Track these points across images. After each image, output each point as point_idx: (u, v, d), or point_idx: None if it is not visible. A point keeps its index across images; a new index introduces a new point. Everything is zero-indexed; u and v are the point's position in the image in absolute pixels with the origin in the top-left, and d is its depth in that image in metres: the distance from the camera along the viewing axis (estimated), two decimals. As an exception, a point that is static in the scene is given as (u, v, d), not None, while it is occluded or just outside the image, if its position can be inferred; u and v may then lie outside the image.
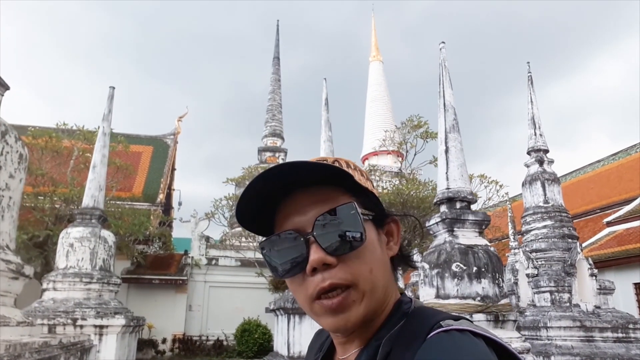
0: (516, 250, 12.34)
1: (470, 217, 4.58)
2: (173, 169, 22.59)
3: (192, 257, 16.89)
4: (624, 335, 7.15)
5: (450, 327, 0.61)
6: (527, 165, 9.19)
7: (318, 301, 0.68)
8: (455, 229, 4.55)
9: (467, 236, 4.54)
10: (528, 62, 9.77)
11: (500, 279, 4.31)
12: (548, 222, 8.58)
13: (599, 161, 23.27)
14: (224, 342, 15.44)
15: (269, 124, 23.38)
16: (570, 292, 7.79)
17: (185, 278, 16.19)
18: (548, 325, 7.34)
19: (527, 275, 8.44)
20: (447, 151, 4.93)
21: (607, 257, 14.32)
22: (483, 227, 4.68)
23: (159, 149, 21.72)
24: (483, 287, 4.17)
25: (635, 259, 13.56)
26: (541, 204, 8.73)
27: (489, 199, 15.55)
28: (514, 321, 4.30)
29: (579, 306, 7.58)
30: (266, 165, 20.79)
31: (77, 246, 8.76)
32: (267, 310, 9.90)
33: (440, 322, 0.63)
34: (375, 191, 0.78)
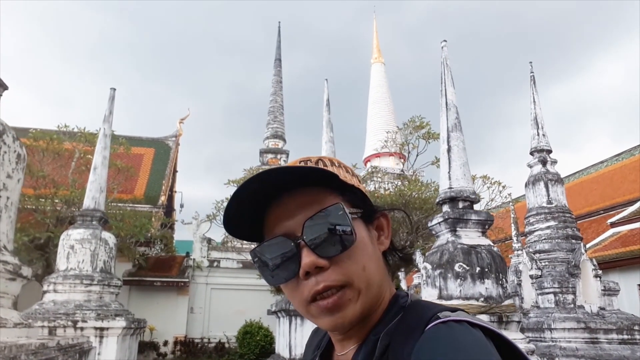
0: (519, 252, 12.24)
1: (473, 217, 4.52)
2: (175, 171, 22.59)
3: (194, 259, 16.87)
4: (629, 337, 7.07)
5: (448, 319, 0.61)
6: (530, 166, 9.12)
7: (314, 303, 0.68)
8: (457, 229, 4.49)
9: (470, 236, 4.47)
10: (530, 62, 9.71)
11: (504, 280, 4.25)
12: (551, 223, 8.50)
13: (602, 162, 23.14)
14: (226, 345, 15.40)
15: (270, 126, 23.35)
16: (574, 293, 7.71)
17: (187, 280, 16.16)
18: (552, 326, 7.27)
19: (531, 277, 8.36)
20: (449, 150, 4.87)
21: (612, 258, 14.22)
22: (486, 227, 4.62)
23: (161, 151, 21.72)
24: (486, 288, 4.11)
25: (639, 260, 13.46)
26: (544, 204, 8.65)
27: (492, 200, 15.49)
28: (518, 322, 4.24)
29: (584, 307, 7.50)
30: (268, 166, 20.76)
31: (77, 248, 8.73)
32: (268, 312, 9.85)
33: (438, 314, 0.64)
34: (362, 187, 0.77)
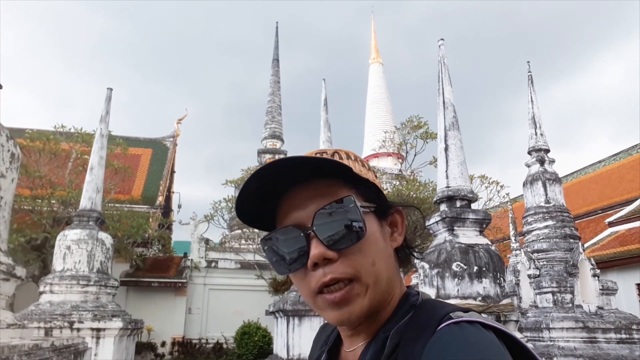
0: (517, 252, 12.23)
1: (471, 216, 4.49)
2: (172, 171, 22.53)
3: (192, 260, 16.80)
4: (628, 336, 7.04)
5: (460, 319, 0.61)
6: (528, 165, 9.10)
7: (321, 295, 0.68)
8: (455, 228, 4.46)
9: (468, 235, 4.45)
10: (528, 61, 9.72)
11: (501, 279, 4.22)
12: (549, 222, 8.48)
13: (600, 162, 23.15)
14: (224, 345, 15.33)
15: (268, 126, 23.29)
16: (572, 292, 7.69)
17: (185, 281, 16.10)
18: (550, 326, 7.24)
19: (529, 276, 8.34)
20: (446, 149, 4.84)
21: (610, 258, 14.22)
22: (484, 225, 4.59)
23: (158, 151, 21.65)
24: (484, 287, 4.09)
25: (637, 259, 13.46)
26: (542, 204, 8.63)
27: (490, 200, 15.48)
28: (516, 321, 4.21)
29: (582, 307, 7.48)
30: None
31: (74, 248, 8.69)
32: (267, 312, 9.81)
33: (450, 314, 0.63)
34: (377, 182, 0.76)
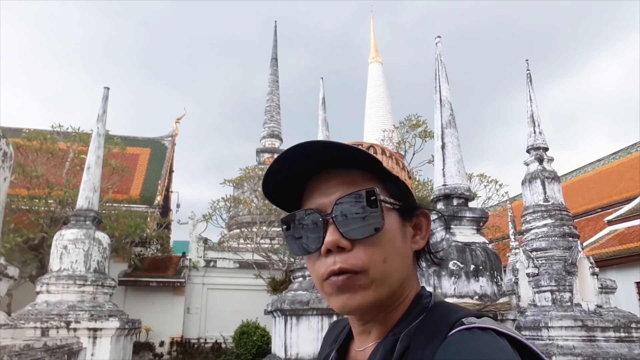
0: (517, 250, 12.19)
1: (468, 214, 4.46)
2: (171, 171, 22.47)
3: (190, 259, 16.76)
4: (627, 334, 7.02)
5: (473, 325, 0.59)
6: (526, 164, 9.07)
7: (328, 280, 0.68)
8: (452, 226, 4.43)
9: (465, 233, 4.41)
10: (526, 59, 9.68)
11: (498, 277, 4.19)
12: (548, 221, 8.45)
13: (599, 160, 23.12)
14: (223, 345, 15.30)
15: (267, 125, 23.26)
16: (571, 291, 7.66)
17: (183, 280, 16.06)
18: (549, 325, 7.21)
19: (528, 275, 8.30)
20: (443, 147, 4.80)
21: (609, 256, 14.20)
22: (481, 224, 4.56)
23: (157, 151, 21.59)
24: (481, 286, 4.05)
25: (636, 258, 13.43)
26: (541, 202, 8.60)
27: (489, 199, 15.46)
28: (513, 320, 4.18)
29: (581, 305, 7.45)
30: (265, 166, 20.66)
31: (70, 248, 8.65)
32: (265, 312, 9.77)
33: (462, 320, 0.62)
34: (409, 182, 0.76)
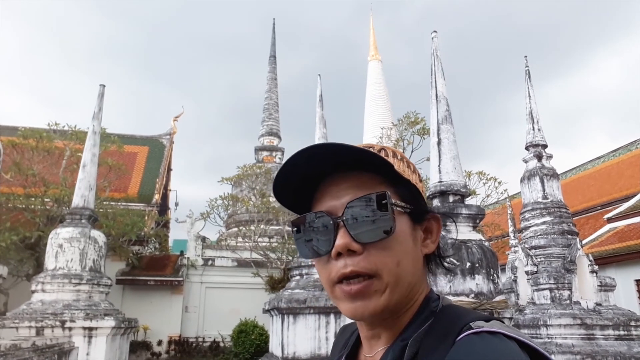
0: (516, 248, 12.13)
1: (464, 211, 4.39)
2: (169, 169, 22.38)
3: (188, 258, 16.70)
4: (626, 332, 6.96)
5: (481, 329, 0.59)
6: (525, 161, 9.00)
7: (339, 285, 0.67)
8: (447, 223, 4.35)
9: (461, 231, 4.35)
10: (525, 56, 9.60)
11: (495, 275, 4.12)
12: (547, 218, 8.38)
13: (599, 158, 23.06)
14: (221, 344, 15.26)
15: (265, 123, 23.18)
16: (570, 289, 7.59)
17: (181, 279, 16.00)
18: (548, 323, 7.16)
19: (527, 273, 8.24)
20: (439, 143, 4.74)
21: (608, 254, 14.14)
22: (477, 221, 4.49)
23: (155, 149, 21.51)
24: (477, 284, 3.98)
25: (636, 255, 13.37)
26: (540, 199, 8.53)
27: (488, 196, 15.38)
28: (510, 319, 4.12)
29: (580, 303, 7.39)
30: (263, 164, 20.58)
31: (66, 247, 8.59)
32: (263, 310, 9.73)
33: (470, 324, 0.61)
34: (420, 185, 0.76)
